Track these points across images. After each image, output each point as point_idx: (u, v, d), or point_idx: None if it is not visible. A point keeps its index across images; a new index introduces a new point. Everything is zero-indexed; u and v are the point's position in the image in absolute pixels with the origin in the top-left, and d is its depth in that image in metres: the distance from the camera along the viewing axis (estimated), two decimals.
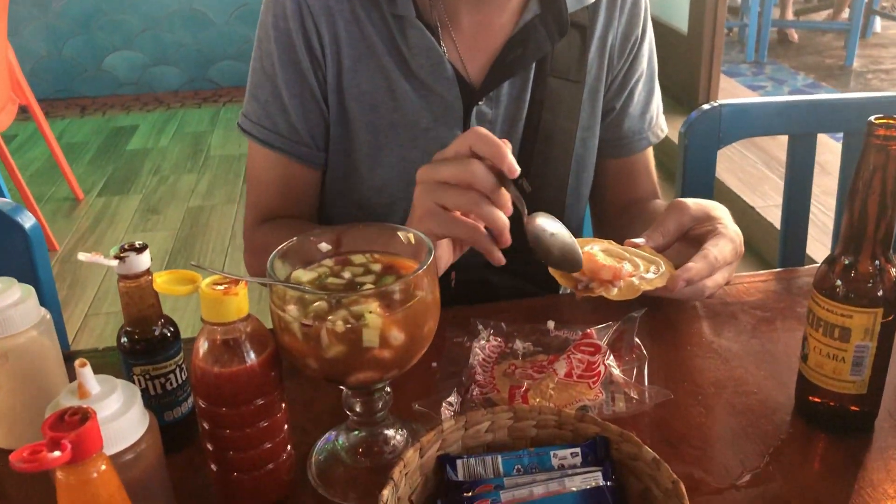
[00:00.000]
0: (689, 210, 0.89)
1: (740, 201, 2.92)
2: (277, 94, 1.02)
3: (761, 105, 1.14)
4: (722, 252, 0.85)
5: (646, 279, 0.83)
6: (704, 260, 0.84)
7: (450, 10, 1.00)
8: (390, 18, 0.98)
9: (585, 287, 0.84)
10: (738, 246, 0.88)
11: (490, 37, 1.01)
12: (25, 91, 3.23)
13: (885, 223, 0.69)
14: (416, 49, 0.98)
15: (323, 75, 1.01)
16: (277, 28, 1.00)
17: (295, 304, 0.65)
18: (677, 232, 0.89)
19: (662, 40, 4.21)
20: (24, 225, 0.94)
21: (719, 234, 0.86)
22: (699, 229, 0.89)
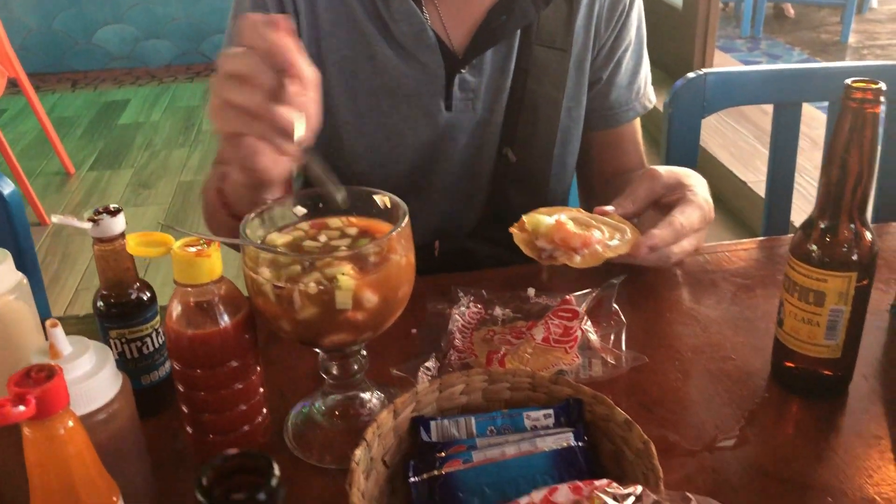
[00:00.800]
0: (661, 178, 0.89)
1: (732, 177, 2.92)
2: None
3: (746, 74, 1.14)
4: (689, 219, 0.84)
5: (610, 246, 0.82)
6: (669, 227, 0.83)
7: None
8: None
9: (549, 255, 0.83)
10: (707, 213, 0.88)
11: (474, 4, 1.00)
12: (14, 64, 3.20)
13: (861, 187, 0.69)
14: (398, 15, 0.97)
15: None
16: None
17: (268, 267, 0.64)
18: (648, 199, 0.88)
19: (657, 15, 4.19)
20: (3, 192, 0.93)
21: (688, 201, 0.86)
22: (670, 197, 0.88)
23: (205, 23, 4.72)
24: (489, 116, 1.04)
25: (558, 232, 0.82)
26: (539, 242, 0.83)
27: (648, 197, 0.89)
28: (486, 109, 1.04)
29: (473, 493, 0.61)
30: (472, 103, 1.02)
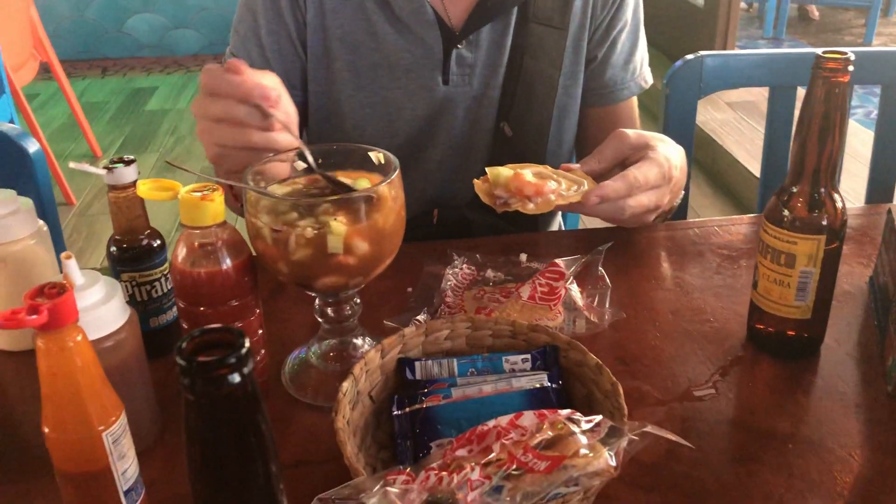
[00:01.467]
0: (628, 138, 0.92)
1: (741, 167, 2.94)
2: (256, 31, 1.06)
3: (742, 57, 1.17)
4: (644, 175, 0.87)
5: (563, 195, 0.87)
6: (623, 179, 0.86)
7: None
8: None
9: (504, 202, 0.87)
10: (668, 170, 0.90)
11: None
12: (48, 49, 3.29)
13: (829, 153, 0.72)
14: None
15: (302, 16, 1.05)
16: None
17: (267, 213, 0.69)
18: (614, 159, 0.92)
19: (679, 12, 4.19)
20: (28, 148, 0.99)
21: (648, 158, 0.89)
22: (635, 157, 0.91)
23: (232, 14, 4.78)
24: (485, 91, 1.08)
25: (514, 181, 0.87)
26: (496, 191, 0.89)
27: (615, 156, 0.92)
28: (482, 84, 1.08)
29: (451, 426, 0.65)
30: (469, 78, 1.07)
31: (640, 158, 0.90)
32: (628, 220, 0.91)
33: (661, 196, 0.91)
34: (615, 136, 0.92)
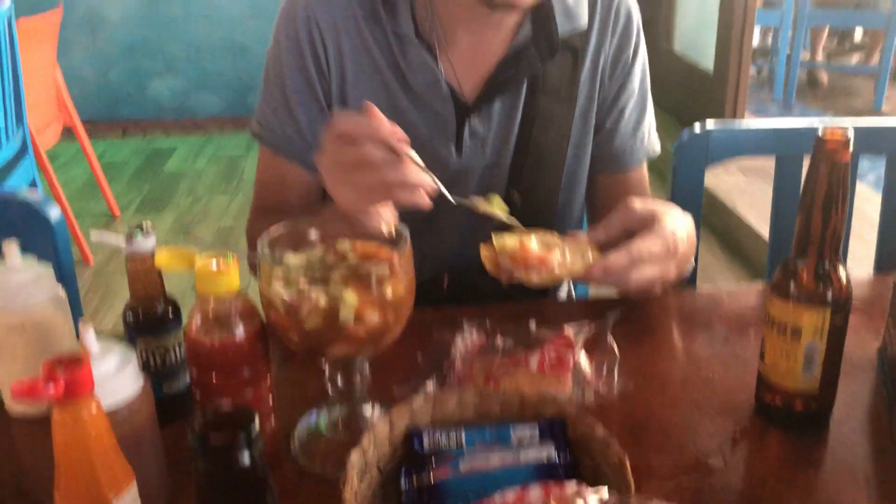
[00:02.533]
0: (636, 209, 0.93)
1: (751, 230, 2.95)
2: (286, 101, 1.10)
3: (748, 128, 1.19)
4: (648, 248, 0.88)
5: (567, 267, 0.88)
6: (626, 252, 0.87)
7: (447, 31, 1.07)
8: (392, 36, 1.06)
9: (509, 275, 0.89)
10: (672, 243, 0.91)
11: (484, 56, 1.08)
12: (71, 112, 3.38)
13: (833, 227, 0.73)
14: (415, 66, 1.06)
15: (328, 84, 1.09)
16: (289, 38, 1.08)
17: (281, 282, 0.71)
18: (621, 228, 0.93)
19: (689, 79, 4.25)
20: (50, 216, 1.02)
21: (652, 230, 0.90)
22: (642, 228, 0.92)
23: (251, 77, 4.91)
24: (497, 160, 1.11)
25: (519, 251, 0.88)
26: (501, 260, 0.90)
27: (622, 226, 0.93)
28: (494, 154, 1.10)
29: (459, 498, 0.65)
30: (481, 149, 1.09)
31: (647, 230, 0.91)
32: (633, 291, 0.92)
33: (666, 269, 0.91)
34: (623, 206, 0.94)
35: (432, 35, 1.06)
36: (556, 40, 1.06)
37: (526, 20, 1.07)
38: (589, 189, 1.19)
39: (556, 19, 1.06)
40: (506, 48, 1.08)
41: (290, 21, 1.08)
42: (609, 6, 1.11)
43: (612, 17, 1.11)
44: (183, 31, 4.82)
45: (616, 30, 1.12)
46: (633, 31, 1.13)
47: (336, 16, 1.06)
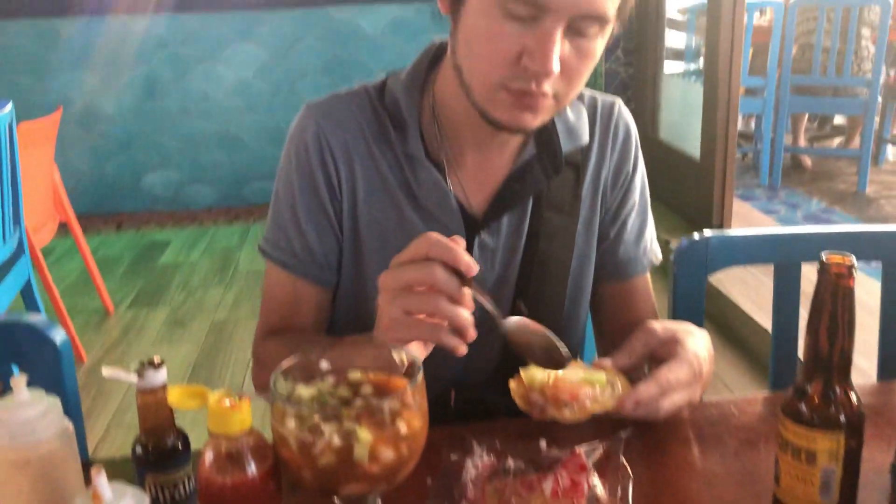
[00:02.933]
0: (656, 333, 0.95)
1: (746, 317, 2.96)
2: (296, 220, 1.11)
3: (746, 236, 1.22)
4: (676, 375, 0.90)
5: (598, 401, 0.89)
6: (655, 382, 0.89)
7: (455, 151, 1.10)
8: (402, 157, 1.09)
9: (541, 409, 0.89)
10: (698, 367, 0.92)
11: (491, 174, 1.11)
12: (67, 209, 3.41)
13: (842, 351, 0.74)
14: (425, 184, 1.08)
15: (339, 204, 1.11)
16: (299, 159, 1.11)
17: (293, 419, 0.71)
18: (644, 353, 0.94)
19: (676, 166, 4.34)
20: (55, 340, 1.02)
21: (677, 356, 0.91)
22: (663, 352, 0.94)
23: (245, 170, 4.98)
24: (505, 273, 1.12)
25: (550, 387, 0.88)
26: (532, 396, 0.90)
27: (644, 351, 0.95)
28: (502, 267, 1.12)
29: None
30: (491, 262, 1.11)
31: (669, 354, 0.92)
32: (663, 418, 0.94)
33: (693, 393, 0.93)
34: (643, 330, 0.95)
35: (441, 155, 1.10)
36: (560, 158, 1.10)
37: (530, 139, 1.11)
38: (594, 297, 1.21)
39: (559, 138, 1.10)
40: (511, 166, 1.11)
41: (300, 144, 1.11)
42: (608, 123, 1.15)
43: (612, 133, 1.15)
44: (178, 125, 4.91)
45: (616, 145, 1.16)
46: (633, 146, 1.17)
47: (348, 138, 1.09)
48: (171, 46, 4.77)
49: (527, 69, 0.92)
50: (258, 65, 4.82)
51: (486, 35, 0.94)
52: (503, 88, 0.95)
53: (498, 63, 0.94)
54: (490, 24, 0.93)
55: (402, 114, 1.08)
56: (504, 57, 0.93)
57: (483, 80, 0.97)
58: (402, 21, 4.84)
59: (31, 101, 4.62)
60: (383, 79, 1.14)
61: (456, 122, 1.08)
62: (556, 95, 0.97)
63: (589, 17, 0.91)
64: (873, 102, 4.55)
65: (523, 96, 0.95)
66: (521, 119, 0.98)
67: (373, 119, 1.10)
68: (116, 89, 4.79)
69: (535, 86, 0.94)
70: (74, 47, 4.69)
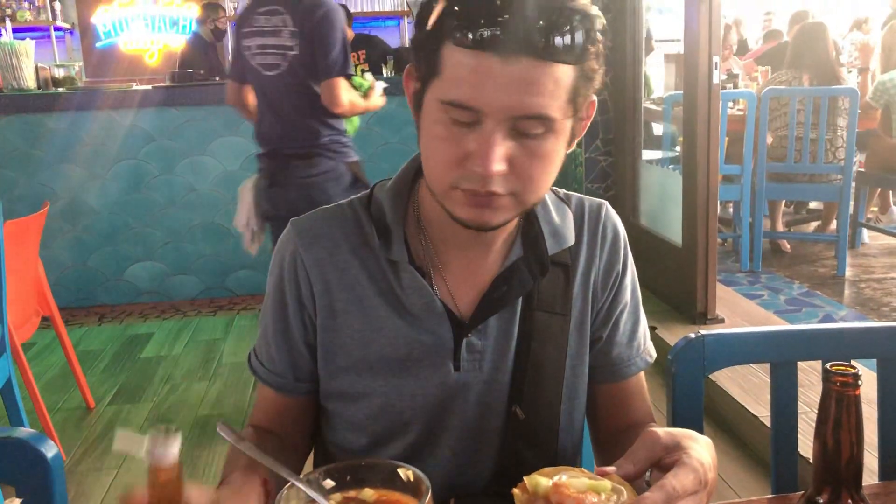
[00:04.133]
0: (660, 440, 0.93)
1: (744, 411, 2.94)
2: (267, 332, 1.16)
3: (742, 336, 1.22)
4: (681, 482, 0.87)
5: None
6: (661, 490, 0.86)
7: (441, 256, 1.12)
8: (386, 264, 1.10)
9: None
10: (703, 475, 0.90)
11: (477, 276, 1.12)
12: (50, 303, 3.37)
13: (851, 460, 0.74)
14: (409, 289, 1.09)
15: (311, 320, 1.14)
16: (275, 277, 1.15)
17: None
18: (648, 461, 0.92)
19: (658, 253, 4.38)
20: (47, 455, 0.99)
21: (682, 464, 0.89)
22: (668, 459, 0.92)
23: (230, 259, 4.98)
24: (495, 375, 1.12)
25: (555, 494, 0.86)
26: (538, 503, 0.87)
27: (648, 458, 0.93)
28: (492, 369, 1.12)
29: None
30: (479, 364, 1.11)
31: (674, 461, 0.90)
32: None
33: (699, 501, 0.90)
34: (646, 437, 0.94)
35: (426, 260, 1.11)
36: (546, 260, 1.11)
37: (516, 241, 1.12)
38: (589, 399, 1.20)
39: (545, 240, 1.11)
40: (498, 267, 1.12)
41: (277, 262, 1.16)
42: (595, 225, 1.17)
43: (600, 234, 1.17)
44: (163, 217, 4.92)
45: (605, 246, 1.17)
46: (621, 246, 1.19)
47: (322, 253, 1.12)
48: (158, 140, 4.83)
49: (472, 171, 0.95)
50: (244, 156, 4.87)
51: (436, 140, 0.98)
52: (457, 188, 0.98)
53: (448, 166, 0.97)
54: (439, 131, 0.97)
55: (386, 221, 1.11)
56: (452, 160, 0.96)
57: (439, 181, 1.00)
58: (387, 114, 4.93)
59: (15, 194, 4.63)
60: (371, 188, 1.17)
61: (439, 227, 1.10)
62: (514, 194, 0.99)
63: (527, 117, 0.93)
64: (848, 188, 4.66)
65: (475, 195, 0.98)
66: (481, 216, 1.00)
67: (355, 231, 1.13)
68: (102, 182, 4.81)
69: (481, 185, 0.96)
70: (60, 141, 4.73)
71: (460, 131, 0.95)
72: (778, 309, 4.19)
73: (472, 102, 0.92)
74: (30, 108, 4.70)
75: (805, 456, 1.36)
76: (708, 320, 3.84)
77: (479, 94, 0.92)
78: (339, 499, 0.76)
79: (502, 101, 0.91)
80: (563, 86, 0.93)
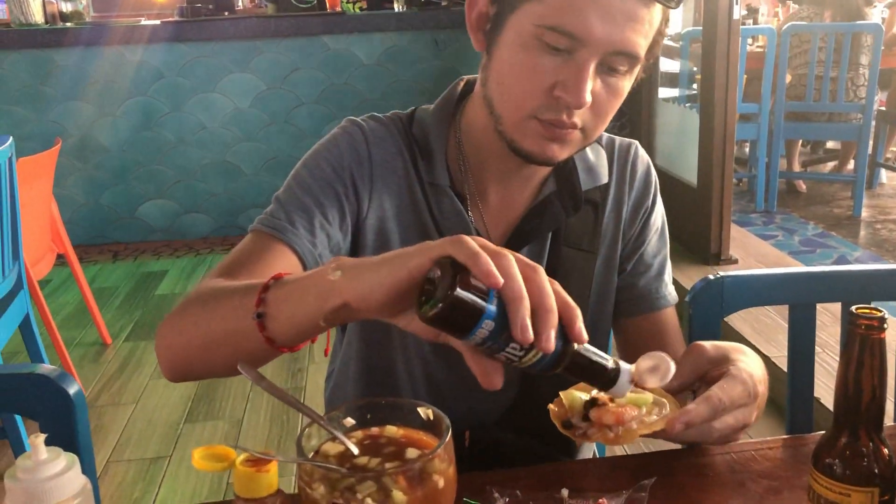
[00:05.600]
0: (707, 353, 0.91)
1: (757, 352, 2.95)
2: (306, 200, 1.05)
3: (761, 277, 1.22)
4: (728, 394, 0.85)
5: (645, 423, 0.84)
6: (706, 402, 0.84)
7: (478, 185, 1.12)
8: (427, 185, 1.11)
9: (583, 433, 0.85)
10: (752, 387, 0.88)
11: (512, 208, 1.13)
12: (64, 240, 3.39)
13: (874, 404, 0.74)
14: (447, 213, 1.10)
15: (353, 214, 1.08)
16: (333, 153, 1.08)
17: (321, 481, 0.69)
18: (693, 375, 0.90)
19: (673, 193, 4.34)
20: (69, 391, 1.00)
21: (730, 375, 0.87)
22: (715, 372, 0.90)
23: (242, 198, 4.98)
24: None
25: (592, 409, 0.85)
26: (574, 419, 0.86)
27: (694, 372, 0.91)
28: None
29: None
30: None
31: (721, 374, 0.89)
32: (716, 441, 0.90)
33: (749, 414, 0.89)
34: (692, 350, 0.92)
35: (464, 187, 1.11)
36: (580, 196, 1.11)
37: (550, 176, 1.12)
38: (624, 332, 1.22)
39: (578, 176, 1.11)
40: (532, 201, 1.12)
41: (342, 144, 1.09)
42: (625, 162, 1.17)
43: (630, 171, 1.17)
44: (174, 155, 4.91)
45: (634, 183, 1.17)
46: (652, 183, 1.19)
47: (387, 156, 1.10)
48: (168, 77, 4.78)
49: (559, 100, 0.95)
50: (254, 94, 4.83)
51: (523, 66, 0.96)
52: (534, 118, 0.97)
53: (532, 93, 0.96)
54: (527, 56, 0.95)
55: (430, 143, 1.11)
56: (539, 87, 0.95)
57: (515, 109, 0.99)
58: (398, 50, 4.87)
59: (26, 131, 4.62)
60: (412, 109, 1.16)
61: (481, 157, 1.10)
62: (584, 129, 0.99)
63: (621, 53, 0.94)
64: (867, 127, 4.59)
65: (553, 127, 0.97)
66: (549, 150, 1.00)
67: (406, 145, 1.12)
68: (112, 119, 4.79)
69: (566, 116, 0.96)
70: (70, 78, 4.69)
71: (550, 59, 0.94)
72: (792, 250, 4.18)
73: (576, 29, 0.91)
74: (38, 43, 4.64)
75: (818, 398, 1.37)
76: (721, 261, 3.84)
77: (585, 22, 0.91)
78: (359, 436, 0.77)
79: (606, 33, 0.91)
80: (653, 27, 0.95)
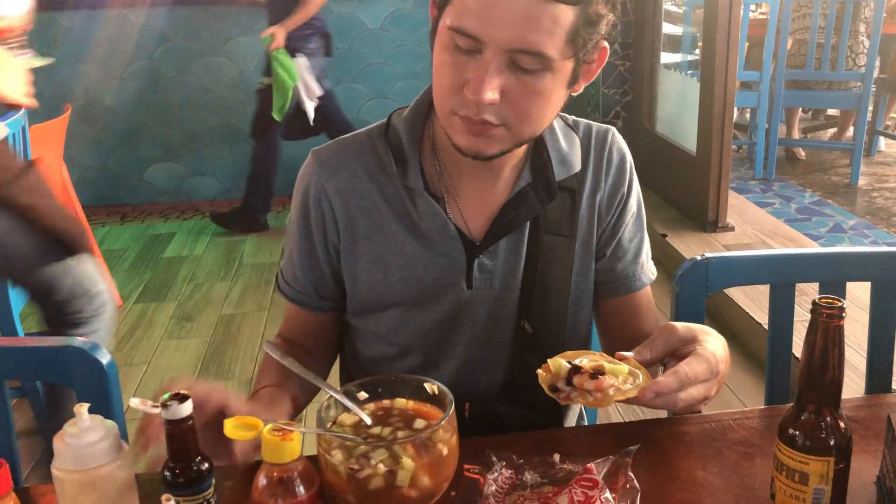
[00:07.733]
0: (678, 332, 1.02)
1: (748, 317, 3.05)
2: (294, 258, 1.24)
3: (744, 259, 1.30)
4: (693, 370, 0.96)
5: (621, 390, 0.96)
6: (674, 375, 0.96)
7: (454, 182, 1.19)
8: (403, 190, 1.17)
9: (567, 396, 0.96)
10: (715, 365, 0.99)
11: (488, 202, 1.19)
12: (74, 204, 3.47)
13: (832, 384, 0.82)
14: (425, 214, 1.17)
15: (335, 246, 1.21)
16: (297, 202, 1.22)
17: (339, 449, 0.79)
18: (665, 350, 1.01)
19: (672, 160, 4.39)
20: (102, 361, 1.09)
21: (696, 353, 0.98)
22: (683, 350, 1.01)
23: (248, 161, 5.02)
24: (505, 293, 1.20)
25: (575, 375, 0.96)
26: (559, 384, 0.98)
27: (665, 348, 1.02)
28: (502, 287, 1.20)
29: None
30: (490, 282, 1.19)
31: (689, 352, 0.99)
32: (680, 410, 1.01)
33: (710, 389, 1.00)
34: (665, 328, 1.03)
35: (440, 186, 1.18)
36: (554, 185, 1.17)
37: (525, 167, 1.18)
38: (601, 312, 1.29)
39: (552, 167, 1.17)
40: (508, 192, 1.18)
41: (300, 193, 1.22)
42: (601, 150, 1.22)
43: (605, 159, 1.22)
44: (180, 118, 4.96)
45: (610, 171, 1.22)
46: (627, 170, 1.24)
47: (344, 183, 1.18)
48: (173, 40, 4.81)
49: (467, 97, 1.01)
50: (260, 58, 4.85)
51: (442, 65, 1.03)
52: (455, 115, 1.04)
53: (450, 90, 1.03)
54: (444, 56, 1.02)
55: (403, 149, 1.17)
56: (452, 86, 1.02)
57: (440, 107, 1.07)
58: (402, 14, 4.89)
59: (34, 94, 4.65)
60: (389, 115, 1.23)
61: (452, 154, 1.15)
62: (508, 126, 1.04)
63: (525, 52, 0.98)
64: (867, 95, 4.62)
65: (469, 122, 1.03)
66: (476, 144, 1.06)
67: (373, 159, 1.19)
68: (119, 83, 4.83)
69: (474, 113, 1.02)
70: (75, 41, 4.72)
71: (463, 59, 1.00)
72: (788, 217, 4.24)
73: (473, 30, 0.97)
74: (42, 5, 4.63)
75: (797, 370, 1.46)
76: (718, 228, 3.90)
77: (481, 23, 0.96)
78: (372, 408, 0.86)
79: (501, 33, 0.96)
80: (561, 25, 0.97)
